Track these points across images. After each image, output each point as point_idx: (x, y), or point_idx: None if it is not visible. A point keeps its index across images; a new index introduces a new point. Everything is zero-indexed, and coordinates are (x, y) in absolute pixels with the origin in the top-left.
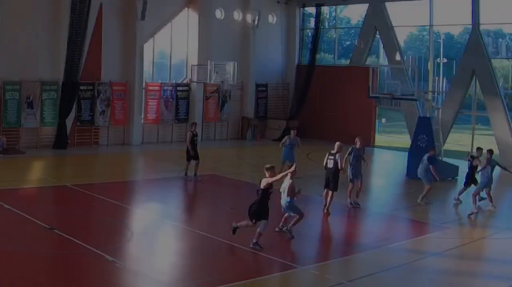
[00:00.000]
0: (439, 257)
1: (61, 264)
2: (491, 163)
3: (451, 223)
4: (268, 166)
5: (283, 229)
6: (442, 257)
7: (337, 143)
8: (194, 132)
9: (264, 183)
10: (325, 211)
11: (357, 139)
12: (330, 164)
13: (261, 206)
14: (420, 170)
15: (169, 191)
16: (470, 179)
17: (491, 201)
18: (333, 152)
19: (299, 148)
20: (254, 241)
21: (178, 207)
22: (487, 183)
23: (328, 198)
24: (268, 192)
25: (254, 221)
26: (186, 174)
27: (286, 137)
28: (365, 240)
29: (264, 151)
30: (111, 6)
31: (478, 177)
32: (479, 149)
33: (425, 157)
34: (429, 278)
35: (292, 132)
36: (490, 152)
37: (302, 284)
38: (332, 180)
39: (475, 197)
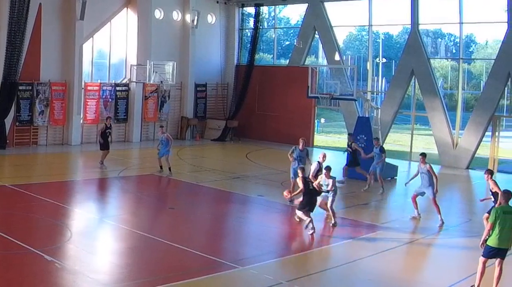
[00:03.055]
0: (378, 257)
1: None
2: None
3: (390, 223)
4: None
5: None
6: (381, 257)
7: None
8: (108, 125)
9: None
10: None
11: (300, 140)
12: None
13: None
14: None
15: (108, 190)
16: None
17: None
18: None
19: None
20: None
21: (117, 207)
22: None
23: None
24: None
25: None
26: (102, 163)
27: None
28: (304, 240)
29: (204, 151)
30: (51, 6)
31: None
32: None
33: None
34: (368, 278)
35: (160, 129)
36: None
37: (242, 284)
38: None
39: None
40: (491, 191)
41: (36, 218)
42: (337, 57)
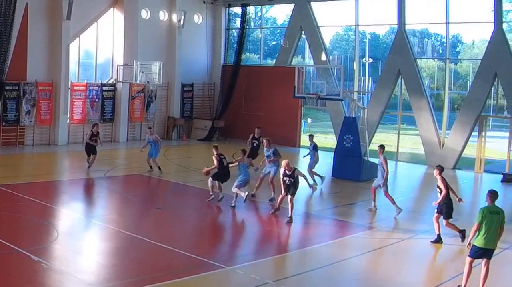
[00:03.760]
0: (364, 257)
1: None
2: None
3: (376, 223)
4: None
5: None
6: (367, 257)
7: (286, 160)
8: (95, 133)
9: None
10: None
11: (264, 140)
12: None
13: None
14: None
15: (95, 191)
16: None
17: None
18: (288, 173)
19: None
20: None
21: (104, 207)
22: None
23: (289, 205)
24: None
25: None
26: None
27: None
28: (291, 240)
29: (190, 150)
30: (37, 6)
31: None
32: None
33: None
34: (355, 278)
35: (148, 131)
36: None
37: (228, 284)
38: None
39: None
40: (438, 186)
41: (23, 218)
42: (323, 57)
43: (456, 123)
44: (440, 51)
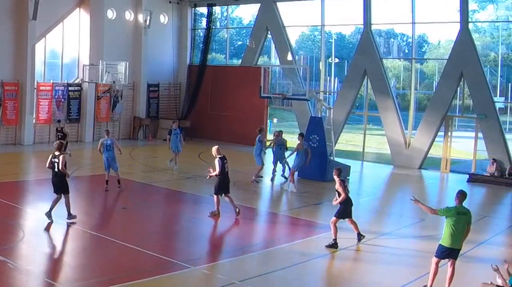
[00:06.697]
0: (331, 257)
1: None
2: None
3: (343, 223)
4: None
5: None
6: (334, 257)
7: (216, 147)
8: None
9: None
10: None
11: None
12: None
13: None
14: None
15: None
16: None
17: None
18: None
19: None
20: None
21: (70, 207)
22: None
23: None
24: None
25: None
26: None
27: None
28: (256, 240)
29: (156, 151)
30: (3, 6)
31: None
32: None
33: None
34: (321, 278)
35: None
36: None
37: (194, 284)
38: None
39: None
40: (336, 190)
41: None
42: (289, 57)
43: (422, 123)
44: (406, 51)
